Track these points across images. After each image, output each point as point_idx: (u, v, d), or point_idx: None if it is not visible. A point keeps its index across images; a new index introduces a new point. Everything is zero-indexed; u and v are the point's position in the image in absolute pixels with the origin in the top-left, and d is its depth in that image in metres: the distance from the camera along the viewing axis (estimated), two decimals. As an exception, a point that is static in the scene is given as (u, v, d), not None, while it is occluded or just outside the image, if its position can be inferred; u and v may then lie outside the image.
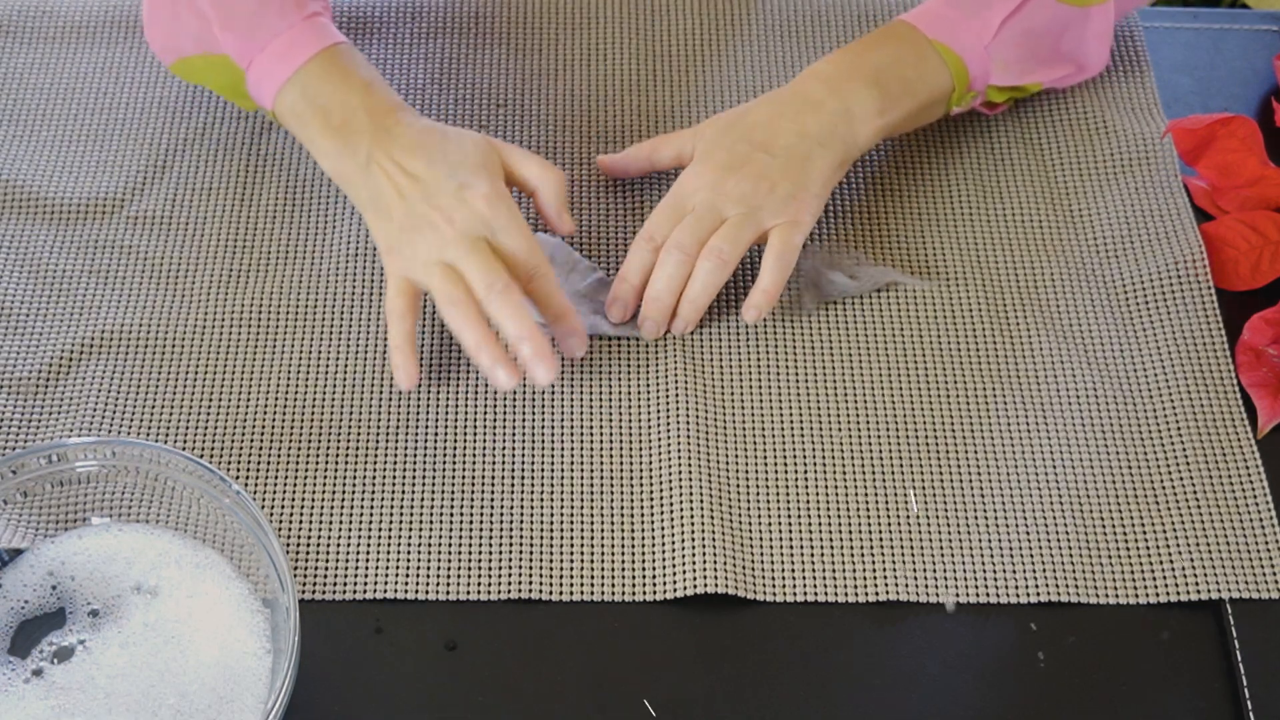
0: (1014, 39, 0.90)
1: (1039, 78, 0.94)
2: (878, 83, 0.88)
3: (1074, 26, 0.92)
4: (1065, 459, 0.83)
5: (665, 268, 0.84)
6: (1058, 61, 0.94)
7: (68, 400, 0.84)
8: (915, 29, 0.90)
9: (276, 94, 0.86)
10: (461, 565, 0.79)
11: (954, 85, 0.90)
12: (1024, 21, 0.90)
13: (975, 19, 0.89)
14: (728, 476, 0.82)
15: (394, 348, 0.83)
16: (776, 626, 0.78)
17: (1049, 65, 0.93)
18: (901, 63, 0.89)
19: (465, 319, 0.80)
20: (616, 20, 1.02)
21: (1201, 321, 0.88)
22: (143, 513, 0.77)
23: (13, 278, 0.89)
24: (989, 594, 0.79)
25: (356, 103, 0.85)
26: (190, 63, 0.90)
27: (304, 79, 0.86)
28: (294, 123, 0.87)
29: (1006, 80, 0.92)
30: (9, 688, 0.70)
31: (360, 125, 0.84)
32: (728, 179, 0.85)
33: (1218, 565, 0.80)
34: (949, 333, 0.88)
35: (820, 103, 0.87)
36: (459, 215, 0.81)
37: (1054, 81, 0.95)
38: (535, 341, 0.80)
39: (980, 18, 0.89)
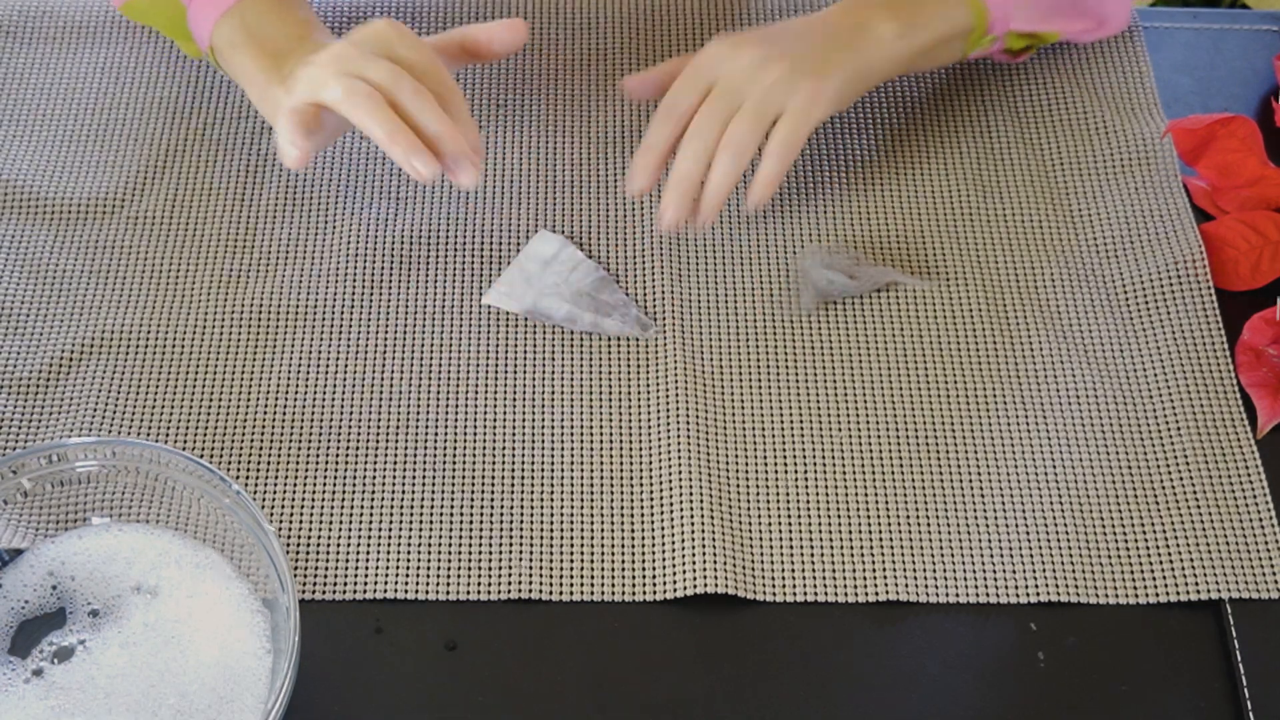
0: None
1: (1058, 26, 0.94)
2: (895, 13, 0.88)
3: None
4: (1065, 459, 0.83)
5: (685, 162, 0.84)
6: (1078, 14, 0.94)
7: (68, 400, 0.84)
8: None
9: (214, 25, 0.87)
10: (461, 565, 0.79)
11: (973, 24, 0.90)
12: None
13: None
14: (728, 476, 0.82)
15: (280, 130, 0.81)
16: (776, 626, 0.78)
17: (1069, 17, 0.93)
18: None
19: (371, 111, 0.78)
20: (616, 21, 1.02)
21: (1201, 321, 0.88)
22: (143, 513, 0.77)
23: (13, 278, 0.89)
24: (989, 594, 0.79)
25: (294, 34, 0.85)
26: (134, 3, 0.92)
27: (243, 10, 0.86)
28: (228, 53, 0.87)
29: (1026, 25, 0.92)
30: (9, 688, 0.70)
31: (291, 52, 0.84)
32: (744, 49, 0.84)
33: (1218, 565, 0.80)
34: (949, 333, 0.88)
35: (838, 21, 0.88)
36: (356, 39, 0.80)
37: (1074, 34, 0.95)
38: (456, 141, 0.78)
39: None
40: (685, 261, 0.90)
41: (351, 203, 0.93)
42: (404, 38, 0.80)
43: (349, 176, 0.94)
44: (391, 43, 0.80)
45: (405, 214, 0.92)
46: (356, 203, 0.93)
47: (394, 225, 0.92)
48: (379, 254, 0.90)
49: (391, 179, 0.94)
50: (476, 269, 0.90)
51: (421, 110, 0.78)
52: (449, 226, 0.92)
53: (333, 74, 0.79)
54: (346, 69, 0.79)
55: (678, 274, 0.90)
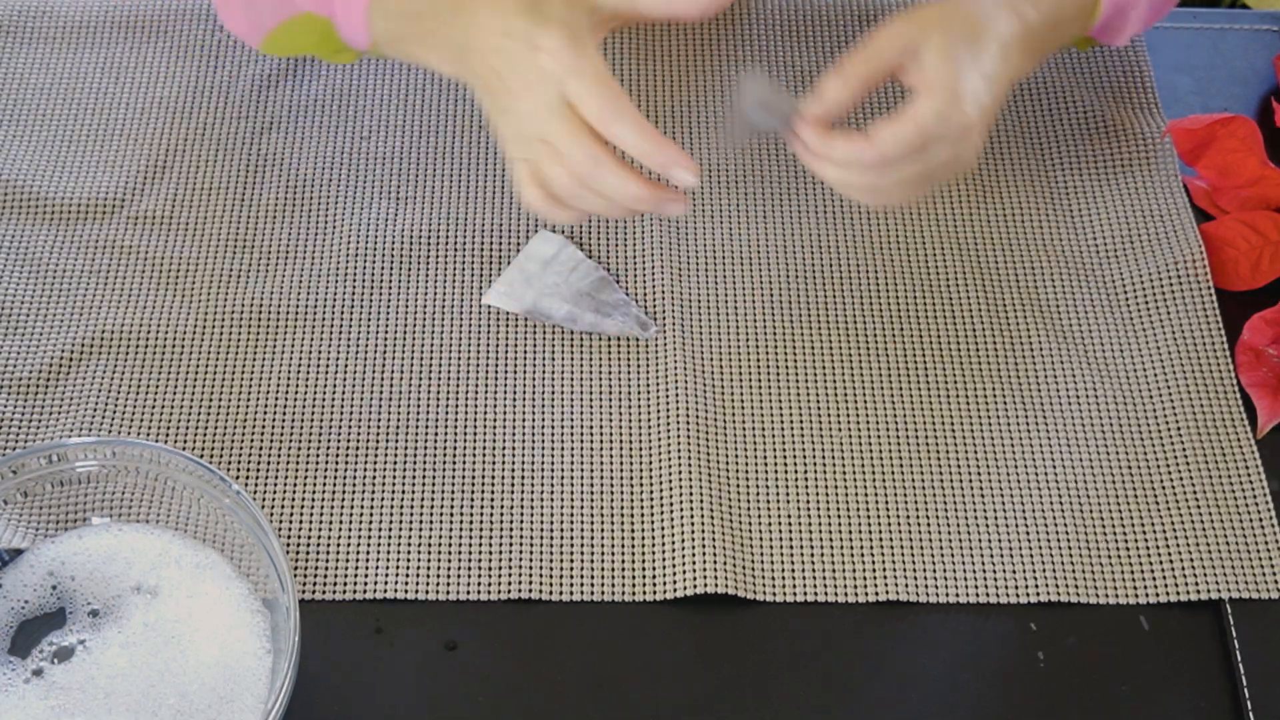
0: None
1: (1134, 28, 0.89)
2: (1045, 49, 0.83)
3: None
4: (1065, 459, 0.83)
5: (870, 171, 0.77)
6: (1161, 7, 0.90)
7: (68, 400, 0.84)
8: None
9: (367, 20, 0.83)
10: (461, 565, 0.79)
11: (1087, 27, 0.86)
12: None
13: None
14: (728, 476, 0.82)
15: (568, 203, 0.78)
16: (776, 626, 0.78)
17: (1156, 10, 0.89)
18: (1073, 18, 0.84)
19: (570, 219, 0.77)
20: (616, 20, 1.02)
21: (1201, 321, 0.88)
22: (143, 513, 0.77)
23: (13, 278, 0.89)
24: (989, 594, 0.79)
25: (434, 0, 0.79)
26: (276, 35, 0.88)
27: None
28: (397, 48, 0.83)
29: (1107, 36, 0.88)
30: (9, 688, 0.70)
31: (446, 16, 0.79)
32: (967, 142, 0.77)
33: (1218, 565, 0.80)
34: (949, 333, 0.88)
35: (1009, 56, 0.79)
36: (531, 81, 0.75)
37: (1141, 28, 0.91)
38: (659, 155, 0.74)
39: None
40: (685, 261, 0.91)
41: (351, 203, 0.93)
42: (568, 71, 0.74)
43: (349, 176, 0.94)
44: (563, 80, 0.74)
45: (405, 214, 0.92)
46: (356, 203, 0.93)
47: (394, 225, 0.92)
48: (379, 254, 0.90)
49: (391, 179, 0.94)
50: (476, 269, 0.90)
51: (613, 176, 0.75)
52: (449, 226, 0.92)
53: (532, 141, 0.76)
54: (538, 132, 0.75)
55: (678, 274, 0.90)
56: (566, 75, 0.74)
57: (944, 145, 0.76)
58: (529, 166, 0.77)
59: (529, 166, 0.77)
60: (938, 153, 0.76)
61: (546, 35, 0.74)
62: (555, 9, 0.75)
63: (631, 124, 0.74)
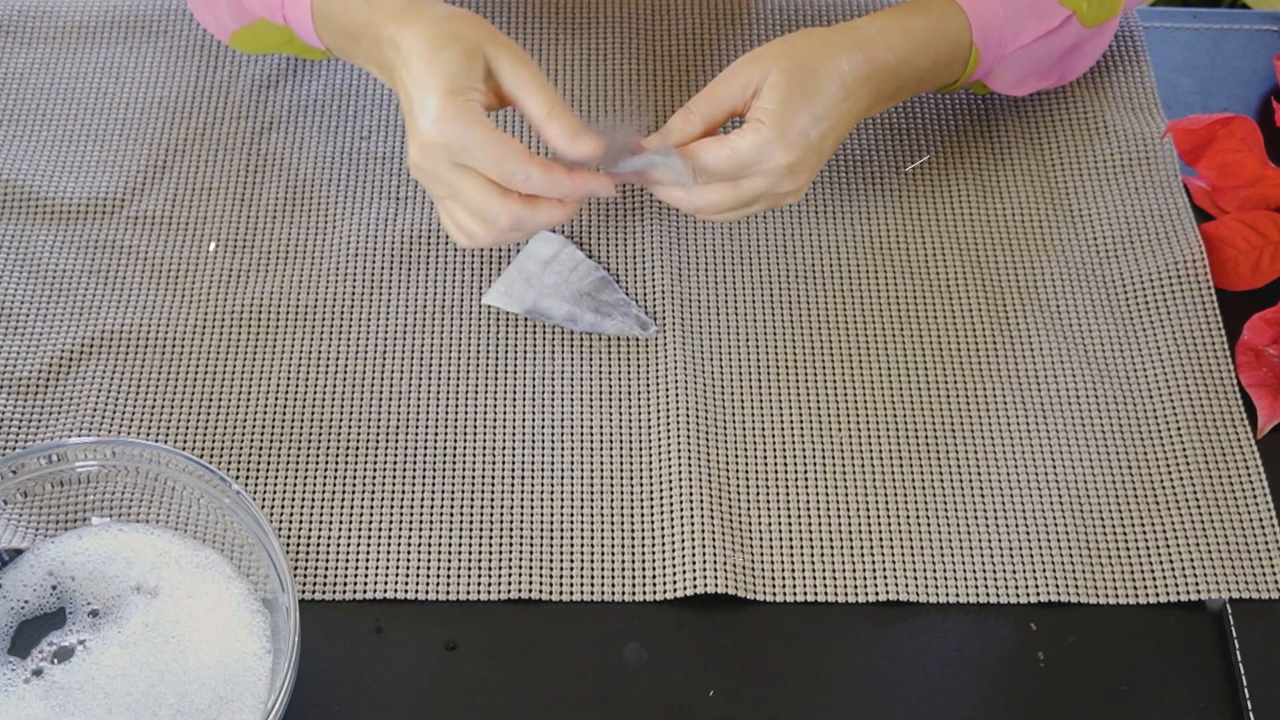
0: (1027, 55, 0.89)
1: (1023, 91, 0.93)
2: (906, 86, 0.86)
3: (1081, 44, 0.92)
4: (1065, 459, 0.83)
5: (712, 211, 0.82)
6: (1049, 75, 0.94)
7: (68, 400, 0.84)
8: (967, 27, 0.86)
9: (318, 37, 0.85)
10: (461, 565, 0.79)
11: (955, 82, 0.90)
12: (1048, 42, 0.88)
13: (1011, 26, 0.87)
14: (728, 476, 0.82)
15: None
16: (776, 626, 0.78)
17: (1041, 78, 0.93)
18: (937, 68, 0.86)
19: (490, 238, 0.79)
20: (616, 20, 1.02)
21: (1201, 321, 0.88)
22: (143, 513, 0.77)
23: (13, 278, 0.89)
24: (989, 594, 0.79)
25: (365, 20, 0.81)
26: (241, 36, 0.90)
27: (319, 13, 0.83)
28: (349, 59, 0.86)
29: (999, 88, 0.92)
30: (9, 688, 0.70)
31: (374, 44, 0.81)
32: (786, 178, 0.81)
33: (1218, 565, 0.80)
34: (949, 333, 0.88)
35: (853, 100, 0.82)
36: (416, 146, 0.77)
37: (1031, 90, 0.94)
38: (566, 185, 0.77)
39: (1016, 26, 0.87)
40: (685, 261, 0.91)
41: (351, 203, 0.93)
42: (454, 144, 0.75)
43: (349, 176, 0.94)
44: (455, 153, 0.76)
45: (405, 214, 0.92)
46: (356, 203, 0.93)
47: (394, 225, 0.92)
48: (379, 254, 0.90)
49: (391, 179, 0.94)
50: (476, 269, 0.90)
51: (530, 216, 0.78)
52: (449, 226, 0.92)
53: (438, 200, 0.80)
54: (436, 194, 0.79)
55: (678, 274, 0.90)
56: (457, 152, 0.76)
57: (760, 181, 0.81)
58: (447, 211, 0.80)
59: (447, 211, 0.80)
60: (753, 186, 0.81)
61: (428, 96, 0.76)
62: (446, 61, 0.76)
63: (542, 178, 0.76)
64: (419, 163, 0.78)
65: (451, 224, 0.81)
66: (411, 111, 0.77)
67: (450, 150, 0.76)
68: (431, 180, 0.78)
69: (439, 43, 0.77)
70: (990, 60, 0.89)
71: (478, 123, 0.75)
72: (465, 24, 0.78)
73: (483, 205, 0.77)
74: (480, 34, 0.78)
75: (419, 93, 0.76)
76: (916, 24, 0.86)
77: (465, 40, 0.77)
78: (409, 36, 0.78)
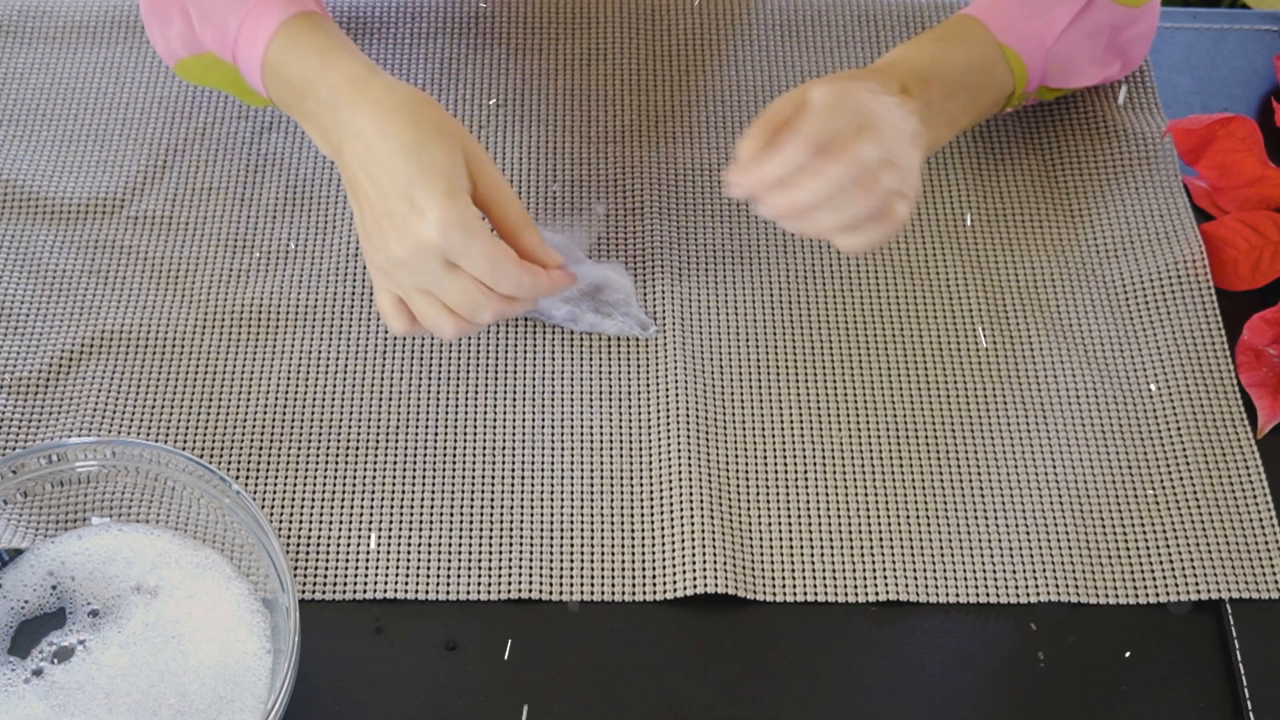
0: (1074, 41, 0.89)
1: (1090, 79, 0.93)
2: (952, 94, 0.85)
3: (1125, 24, 0.91)
4: (1065, 459, 0.83)
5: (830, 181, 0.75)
6: (1109, 60, 0.93)
7: (68, 400, 0.84)
8: (984, 29, 0.87)
9: (264, 85, 0.83)
10: (461, 565, 0.79)
11: (1014, 88, 0.89)
12: (1085, 24, 0.88)
13: (1040, 19, 0.87)
14: (728, 476, 0.82)
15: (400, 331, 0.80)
16: (776, 626, 0.78)
17: (1101, 65, 0.92)
18: (973, 69, 0.86)
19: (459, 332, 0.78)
20: (616, 20, 1.02)
21: (1201, 321, 0.88)
22: (143, 513, 0.77)
23: (13, 278, 0.89)
24: (989, 594, 0.79)
25: (317, 81, 0.78)
26: (186, 65, 0.89)
27: (272, 63, 0.81)
28: (286, 109, 0.84)
29: (1060, 82, 0.91)
30: (9, 688, 0.70)
31: (324, 107, 0.78)
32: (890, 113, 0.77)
33: (1218, 565, 0.80)
34: (949, 333, 0.88)
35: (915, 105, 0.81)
36: (410, 243, 0.74)
37: (1102, 80, 0.94)
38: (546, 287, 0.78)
39: (1044, 18, 0.87)
40: (685, 261, 0.91)
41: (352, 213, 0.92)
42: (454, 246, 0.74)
43: (349, 176, 0.94)
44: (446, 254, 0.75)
45: (405, 214, 0.92)
46: (356, 203, 0.93)
47: (394, 225, 0.92)
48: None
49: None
50: (476, 269, 0.90)
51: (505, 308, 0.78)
52: (449, 226, 0.92)
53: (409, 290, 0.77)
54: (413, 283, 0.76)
55: (678, 274, 0.90)
56: (455, 253, 0.74)
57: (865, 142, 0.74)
58: (394, 299, 0.78)
59: (394, 299, 0.78)
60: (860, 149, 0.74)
61: (429, 198, 0.73)
62: (437, 158, 0.74)
63: (528, 284, 0.76)
64: (401, 257, 0.75)
65: (398, 310, 0.78)
66: (391, 205, 0.74)
67: (450, 253, 0.74)
68: (411, 275, 0.76)
69: (424, 134, 0.75)
70: (1035, 57, 0.88)
71: (480, 228, 0.74)
72: (439, 113, 0.76)
73: (471, 304, 0.76)
74: (454, 127, 0.76)
75: (412, 190, 0.74)
76: (929, 36, 0.86)
77: (450, 134, 0.76)
78: (374, 114, 0.75)
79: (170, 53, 0.89)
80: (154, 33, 0.90)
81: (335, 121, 0.77)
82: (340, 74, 0.78)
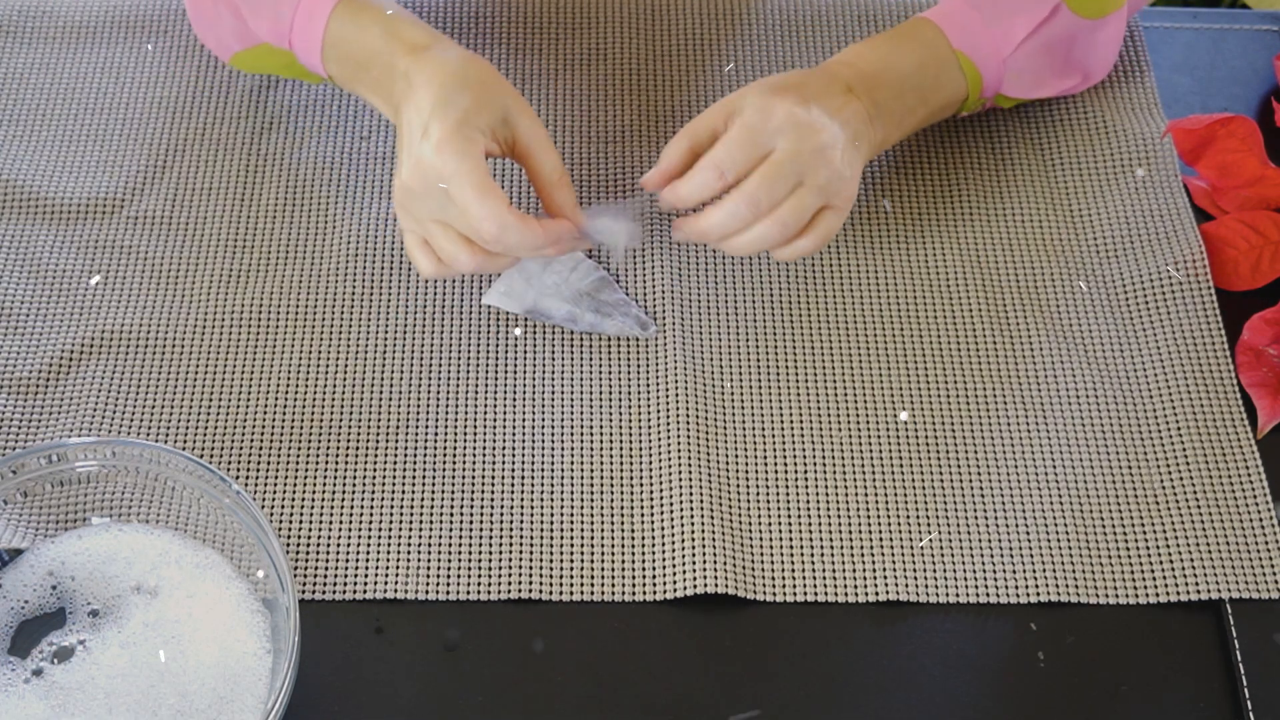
0: (1032, 52, 0.90)
1: (1051, 90, 0.93)
2: (902, 93, 0.87)
3: (1083, 37, 0.92)
4: (1065, 459, 0.83)
5: (730, 220, 0.80)
6: (1069, 72, 0.93)
7: (68, 400, 0.84)
8: (939, 33, 0.88)
9: (323, 64, 0.86)
10: (461, 565, 0.79)
11: (968, 93, 0.90)
12: (1045, 36, 0.89)
13: (997, 27, 0.88)
14: (728, 476, 0.82)
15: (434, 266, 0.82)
16: (776, 626, 0.78)
17: (1060, 76, 0.93)
18: (924, 70, 0.88)
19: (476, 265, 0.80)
20: (616, 20, 1.02)
21: (1201, 321, 0.88)
22: (143, 513, 0.77)
23: (13, 278, 0.89)
24: (989, 594, 0.79)
25: (383, 49, 0.83)
26: (242, 57, 0.91)
27: (332, 41, 0.85)
28: (349, 87, 0.87)
29: (1017, 92, 0.92)
30: (9, 688, 0.70)
31: (388, 73, 0.82)
32: (810, 135, 0.80)
33: (1218, 565, 0.80)
34: (949, 333, 0.88)
35: (860, 104, 0.84)
36: (413, 166, 0.78)
37: (1061, 91, 0.95)
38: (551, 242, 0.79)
39: (1002, 26, 0.88)
40: (685, 261, 0.90)
41: (351, 203, 0.93)
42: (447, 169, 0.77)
43: (349, 176, 0.94)
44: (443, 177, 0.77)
45: (405, 214, 0.92)
46: (356, 203, 0.93)
47: (394, 225, 0.92)
48: (379, 254, 0.90)
49: (391, 179, 0.94)
50: (476, 269, 0.90)
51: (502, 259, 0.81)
52: (449, 226, 0.92)
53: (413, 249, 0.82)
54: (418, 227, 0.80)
55: (678, 274, 0.90)
56: (446, 176, 0.77)
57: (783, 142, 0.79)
58: (418, 238, 0.82)
59: (418, 238, 0.82)
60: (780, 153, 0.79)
61: (437, 125, 0.78)
62: (463, 101, 0.78)
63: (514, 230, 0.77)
64: (409, 183, 0.79)
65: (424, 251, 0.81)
66: (412, 136, 0.78)
67: (439, 178, 0.77)
68: (419, 201, 0.79)
69: (455, 83, 0.79)
70: (991, 66, 0.89)
71: (478, 165, 0.77)
72: (484, 71, 0.81)
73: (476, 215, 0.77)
74: (500, 85, 0.81)
75: (425, 120, 0.78)
76: (882, 36, 0.89)
77: (483, 86, 0.80)
78: (425, 71, 0.80)
79: (224, 48, 0.92)
80: (204, 32, 0.92)
81: (398, 84, 0.81)
82: (405, 41, 0.82)
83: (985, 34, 0.88)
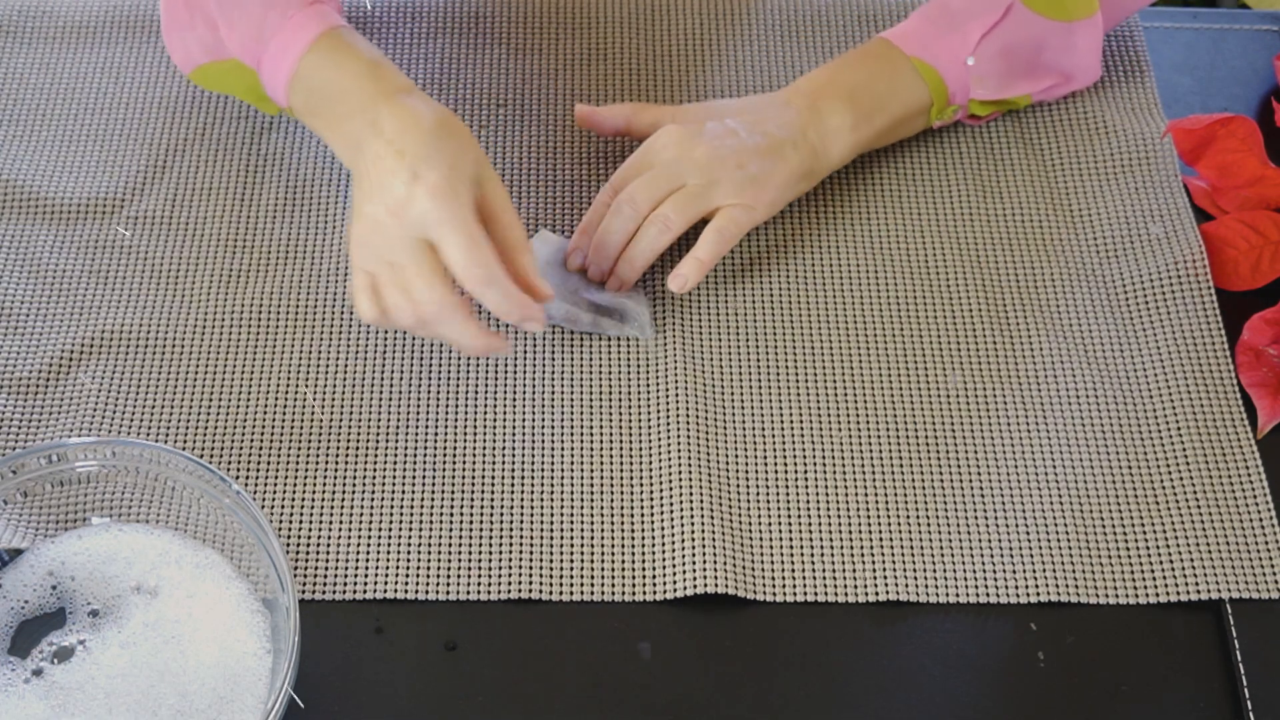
0: (993, 54, 0.91)
1: (1022, 90, 0.94)
2: (851, 99, 0.89)
3: (1056, 40, 0.92)
4: (1065, 459, 0.83)
5: (615, 220, 0.85)
6: (1040, 73, 0.94)
7: (68, 400, 0.84)
8: (893, 46, 0.91)
9: (287, 90, 0.85)
10: (461, 565, 0.79)
11: (932, 99, 0.91)
12: (1002, 37, 0.90)
13: (954, 34, 0.90)
14: (728, 476, 0.82)
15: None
16: (776, 626, 0.78)
17: (1031, 78, 0.94)
18: (876, 79, 0.90)
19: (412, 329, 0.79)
20: (616, 20, 1.02)
21: (1201, 321, 0.88)
22: (143, 513, 0.77)
23: (13, 278, 0.89)
24: (989, 594, 0.79)
25: (361, 86, 0.81)
26: (205, 71, 0.90)
27: (305, 70, 0.83)
28: (308, 118, 0.85)
29: (987, 94, 0.93)
30: (9, 688, 0.70)
31: (359, 110, 0.81)
32: (697, 145, 0.86)
33: (1218, 565, 0.80)
34: (949, 333, 0.88)
35: (797, 112, 0.88)
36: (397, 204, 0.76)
37: (1042, 93, 0.95)
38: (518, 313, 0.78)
39: (959, 32, 0.90)
40: (685, 261, 0.90)
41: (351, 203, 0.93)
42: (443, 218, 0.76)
43: (349, 176, 0.94)
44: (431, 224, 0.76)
45: (405, 214, 0.92)
46: (356, 203, 0.93)
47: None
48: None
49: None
50: (476, 269, 0.90)
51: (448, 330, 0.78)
52: (449, 226, 0.92)
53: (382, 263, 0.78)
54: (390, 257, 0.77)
55: (678, 274, 0.90)
56: (438, 222, 0.75)
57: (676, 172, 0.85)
58: (369, 279, 0.79)
59: (369, 279, 0.79)
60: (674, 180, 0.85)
61: (432, 171, 0.76)
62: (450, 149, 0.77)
63: (499, 287, 0.77)
64: (383, 220, 0.76)
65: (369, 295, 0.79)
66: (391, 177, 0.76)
67: (425, 224, 0.75)
68: (385, 243, 0.76)
69: (442, 132, 0.78)
70: (954, 71, 0.90)
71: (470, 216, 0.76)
72: (463, 127, 0.80)
73: (424, 287, 0.76)
74: (475, 143, 0.79)
75: (413, 165, 0.76)
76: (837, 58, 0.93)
77: (464, 141, 0.79)
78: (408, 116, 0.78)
79: (188, 59, 0.90)
80: (172, 39, 0.90)
81: (368, 120, 0.79)
82: (387, 82, 0.81)
83: (942, 41, 0.90)
